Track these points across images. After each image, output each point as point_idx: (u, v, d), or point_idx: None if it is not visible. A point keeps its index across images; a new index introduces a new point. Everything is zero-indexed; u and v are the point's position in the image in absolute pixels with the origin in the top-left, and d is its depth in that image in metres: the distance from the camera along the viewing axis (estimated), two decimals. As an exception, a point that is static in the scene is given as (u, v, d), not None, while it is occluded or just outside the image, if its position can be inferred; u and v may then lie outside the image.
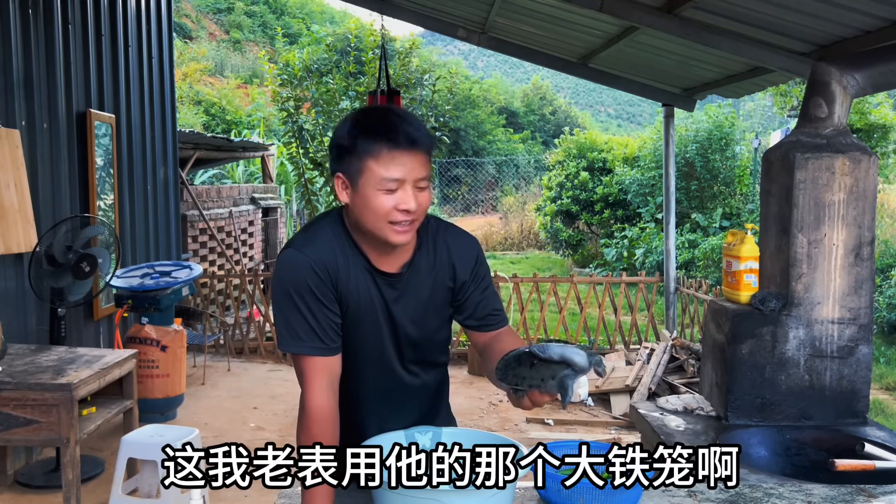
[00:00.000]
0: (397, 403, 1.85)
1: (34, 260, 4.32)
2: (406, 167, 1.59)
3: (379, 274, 1.72)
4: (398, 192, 1.60)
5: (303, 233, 1.74)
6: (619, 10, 4.04)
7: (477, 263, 1.81)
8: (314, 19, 34.93)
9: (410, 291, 1.75)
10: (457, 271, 1.79)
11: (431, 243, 1.77)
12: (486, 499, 1.46)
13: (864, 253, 2.70)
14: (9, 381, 3.38)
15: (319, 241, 1.69)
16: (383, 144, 1.58)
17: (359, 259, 1.70)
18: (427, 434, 1.74)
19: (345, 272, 1.68)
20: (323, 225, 1.73)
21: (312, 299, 1.65)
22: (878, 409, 6.46)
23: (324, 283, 1.66)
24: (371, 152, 1.58)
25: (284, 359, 7.38)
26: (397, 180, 1.59)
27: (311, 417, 1.65)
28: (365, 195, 1.61)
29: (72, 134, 5.17)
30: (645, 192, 13.28)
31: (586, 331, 7.78)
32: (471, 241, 1.84)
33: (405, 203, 1.59)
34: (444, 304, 1.80)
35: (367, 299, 1.72)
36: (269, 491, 1.58)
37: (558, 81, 39.14)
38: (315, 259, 1.65)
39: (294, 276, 1.65)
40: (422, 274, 1.76)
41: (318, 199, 10.16)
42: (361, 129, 1.61)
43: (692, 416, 2.89)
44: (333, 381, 1.70)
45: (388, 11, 6.21)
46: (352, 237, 1.71)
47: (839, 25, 3.31)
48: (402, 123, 1.59)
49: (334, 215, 1.75)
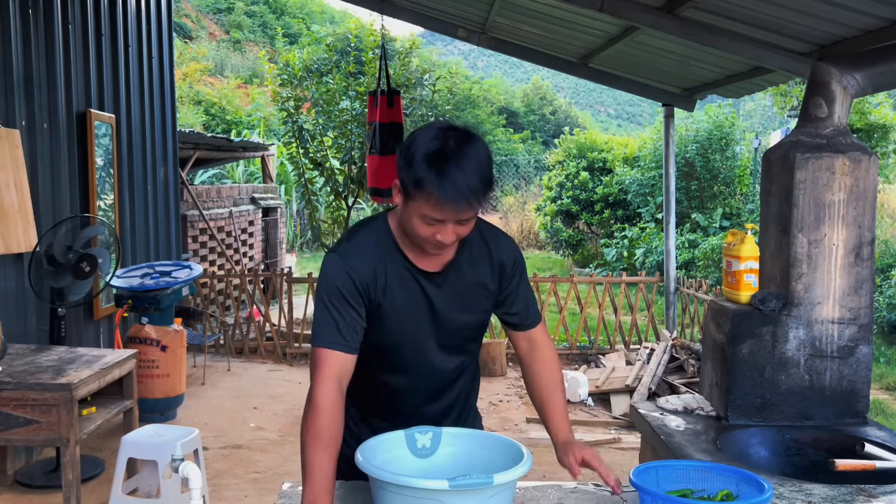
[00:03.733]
0: (433, 392, 1.95)
1: (34, 260, 4.32)
2: (449, 214, 1.66)
3: (420, 272, 1.83)
4: (438, 225, 1.69)
5: (347, 239, 1.86)
6: (619, 10, 4.04)
7: (516, 262, 1.94)
8: (314, 19, 34.92)
9: (452, 287, 1.86)
10: (498, 268, 1.91)
11: (475, 240, 1.88)
12: (486, 499, 1.46)
13: (864, 253, 2.70)
14: (9, 381, 3.38)
15: (360, 248, 1.82)
16: (435, 191, 1.63)
17: (400, 260, 1.82)
18: (427, 434, 1.74)
19: (383, 276, 1.81)
20: (368, 231, 1.85)
21: (340, 300, 1.77)
22: (878, 409, 6.46)
23: (356, 288, 1.78)
24: (422, 187, 1.65)
25: (284, 359, 7.39)
26: (438, 220, 1.68)
27: (316, 408, 1.70)
28: (409, 215, 1.72)
29: (72, 134, 5.17)
30: (645, 192, 13.28)
31: (586, 331, 7.78)
32: (511, 241, 1.99)
33: (441, 236, 1.70)
34: (484, 297, 1.92)
35: (409, 297, 1.83)
36: (269, 491, 1.58)
37: (558, 81, 39.13)
38: (352, 266, 1.78)
39: (330, 279, 1.79)
40: (464, 270, 1.87)
41: (318, 199, 10.15)
42: (426, 162, 1.64)
43: (692, 416, 2.89)
44: (342, 378, 1.77)
45: (388, 11, 6.21)
46: (395, 240, 1.83)
47: (839, 25, 3.31)
48: (458, 175, 1.63)
49: (381, 220, 1.87)
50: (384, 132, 6.17)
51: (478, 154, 1.67)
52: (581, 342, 7.68)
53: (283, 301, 7.65)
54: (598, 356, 7.29)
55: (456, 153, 1.65)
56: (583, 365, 7.22)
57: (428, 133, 1.69)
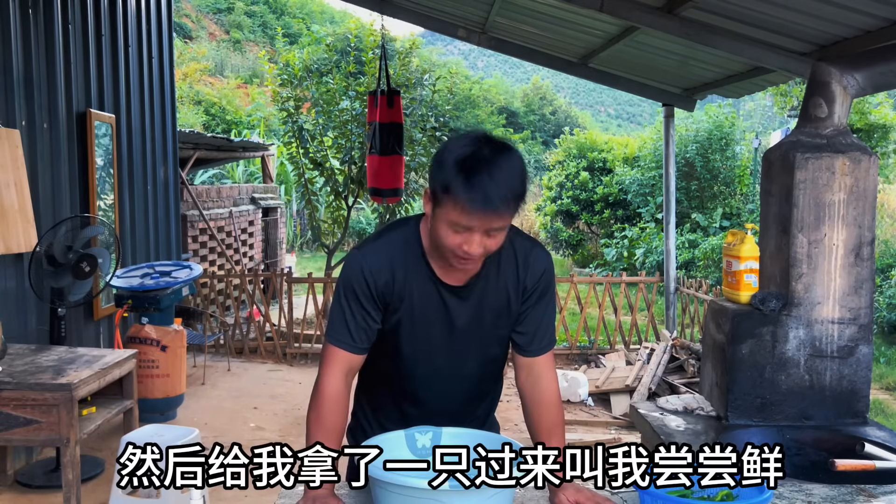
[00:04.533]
0: (448, 406, 1.91)
1: (34, 260, 4.32)
2: (476, 221, 1.61)
3: (443, 285, 1.79)
4: (465, 234, 1.63)
5: (375, 238, 1.84)
6: (619, 10, 4.04)
7: (540, 282, 1.85)
8: (314, 19, 34.94)
9: (475, 302, 1.82)
10: (523, 286, 1.84)
11: (505, 255, 1.81)
12: (486, 499, 1.46)
13: (864, 253, 2.70)
14: (9, 381, 3.38)
15: (384, 250, 1.79)
16: (465, 198, 1.58)
17: (424, 269, 1.79)
18: (427, 434, 1.74)
19: (402, 281, 1.78)
20: (397, 234, 1.82)
21: (354, 300, 1.77)
22: (878, 409, 6.46)
23: (371, 289, 1.76)
24: (452, 197, 1.60)
25: (284, 359, 7.39)
26: (466, 227, 1.62)
27: (320, 397, 1.75)
28: (438, 223, 1.67)
29: (72, 134, 5.16)
30: (645, 192, 13.28)
31: (586, 331, 7.78)
32: (544, 258, 1.87)
33: (468, 246, 1.64)
34: (506, 315, 1.85)
35: (428, 307, 1.80)
36: (269, 491, 1.58)
37: (558, 81, 39.14)
38: (372, 267, 1.76)
39: (348, 277, 1.78)
40: (489, 286, 1.82)
41: (318, 199, 10.16)
42: (456, 172, 1.60)
43: (692, 416, 2.89)
44: (349, 373, 1.80)
45: (388, 11, 6.21)
46: (422, 248, 1.79)
47: (839, 25, 3.31)
48: (490, 185, 1.58)
49: (412, 224, 1.82)
50: (384, 132, 6.17)
51: (511, 164, 1.62)
52: (581, 342, 7.68)
53: (283, 301, 7.65)
54: (598, 356, 7.30)
55: (489, 160, 1.60)
56: (583, 365, 7.22)
57: (462, 140, 1.66)
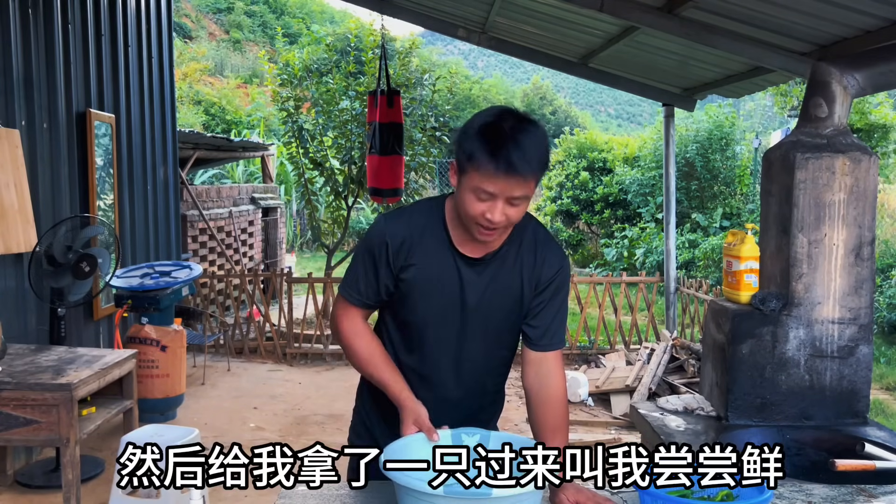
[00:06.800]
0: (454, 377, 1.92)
1: (34, 260, 4.32)
2: (500, 186, 1.66)
3: (460, 255, 1.83)
4: (489, 202, 1.68)
5: (401, 208, 1.94)
6: (619, 9, 4.04)
7: (556, 277, 1.90)
8: (314, 19, 34.94)
9: (489, 277, 1.85)
10: (537, 278, 1.88)
11: (524, 240, 1.88)
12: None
13: (864, 253, 2.70)
14: (9, 381, 3.38)
15: (408, 215, 1.88)
16: (488, 161, 1.64)
17: (444, 238, 1.84)
18: (474, 436, 1.71)
19: (422, 249, 1.83)
20: (423, 205, 1.91)
21: (370, 261, 1.85)
22: (878, 409, 6.46)
23: (388, 253, 1.83)
24: (475, 162, 1.67)
25: (284, 359, 7.39)
26: (490, 193, 1.67)
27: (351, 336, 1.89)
28: (462, 191, 1.73)
29: (72, 134, 5.16)
30: (645, 192, 13.28)
31: (586, 331, 7.78)
32: (561, 257, 1.93)
33: (491, 214, 1.69)
34: (517, 297, 1.88)
35: (442, 275, 1.84)
36: (269, 491, 1.57)
37: (558, 81, 39.15)
38: (391, 232, 1.83)
39: (369, 237, 1.87)
40: (506, 264, 1.86)
41: (318, 199, 10.16)
42: (479, 138, 1.67)
43: (692, 416, 2.89)
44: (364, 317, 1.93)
45: (388, 11, 6.21)
46: (445, 220, 1.84)
47: (839, 25, 3.31)
48: (512, 148, 1.64)
49: (439, 200, 1.89)
50: (384, 132, 6.17)
51: (534, 134, 1.68)
52: (581, 342, 7.68)
53: (282, 301, 7.64)
54: (598, 356, 7.29)
55: (513, 129, 1.66)
56: (583, 365, 7.22)
57: (486, 113, 1.73)
